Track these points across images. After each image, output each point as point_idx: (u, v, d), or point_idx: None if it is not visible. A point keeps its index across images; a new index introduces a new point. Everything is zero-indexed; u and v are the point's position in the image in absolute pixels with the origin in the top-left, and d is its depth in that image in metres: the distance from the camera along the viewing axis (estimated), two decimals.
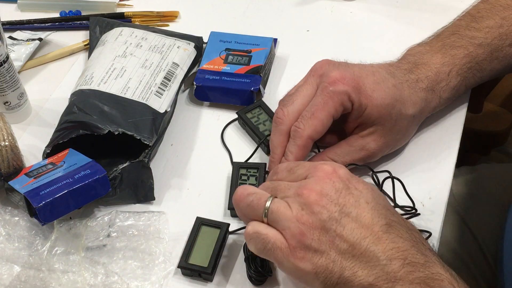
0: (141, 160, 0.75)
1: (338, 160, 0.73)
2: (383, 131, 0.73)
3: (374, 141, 0.73)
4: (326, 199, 0.58)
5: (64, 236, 0.71)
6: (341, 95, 0.71)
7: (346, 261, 0.57)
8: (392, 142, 0.75)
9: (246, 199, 0.62)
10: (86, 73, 0.84)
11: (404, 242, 0.57)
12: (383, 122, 0.72)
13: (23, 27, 0.98)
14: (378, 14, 0.97)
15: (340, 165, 0.61)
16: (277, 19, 0.98)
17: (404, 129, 0.75)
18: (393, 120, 0.73)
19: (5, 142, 0.74)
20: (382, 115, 0.72)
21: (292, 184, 0.61)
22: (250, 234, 0.61)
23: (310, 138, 0.71)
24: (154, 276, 0.69)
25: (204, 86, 0.85)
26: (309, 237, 0.58)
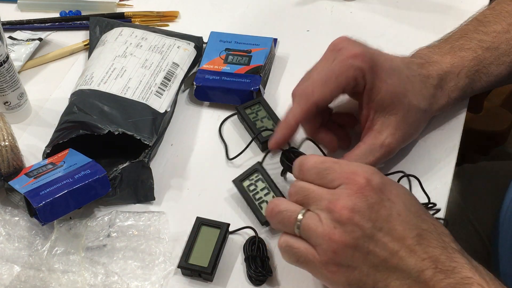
0: (141, 160, 0.75)
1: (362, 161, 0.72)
2: (397, 123, 0.72)
3: (391, 135, 0.72)
4: (358, 216, 0.57)
5: (64, 236, 0.71)
6: (357, 71, 0.70)
7: (379, 273, 0.57)
8: (407, 136, 0.74)
9: (277, 216, 0.62)
10: (86, 73, 0.84)
11: (435, 250, 0.57)
12: (396, 111, 0.72)
13: (23, 27, 0.98)
14: (378, 14, 0.97)
15: (373, 171, 0.60)
16: (277, 19, 0.98)
17: (416, 123, 0.74)
18: (405, 110, 0.72)
19: (5, 142, 0.74)
20: (394, 102, 0.71)
21: (323, 195, 0.59)
22: (283, 246, 0.62)
23: (316, 104, 0.71)
24: (154, 276, 0.69)
25: (204, 86, 0.85)
26: (341, 255, 0.58)
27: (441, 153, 0.79)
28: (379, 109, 0.72)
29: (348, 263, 0.58)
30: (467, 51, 0.78)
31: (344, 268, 0.58)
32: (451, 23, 0.85)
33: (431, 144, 0.80)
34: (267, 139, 0.79)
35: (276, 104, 0.86)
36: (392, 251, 0.57)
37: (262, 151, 0.81)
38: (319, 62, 0.74)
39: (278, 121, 0.81)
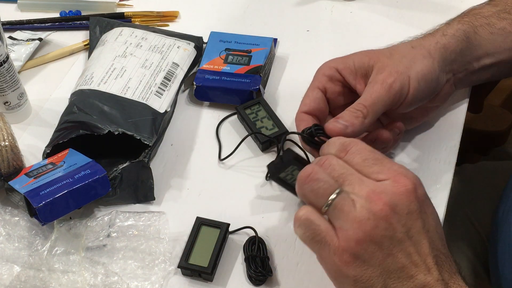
0: (141, 160, 0.75)
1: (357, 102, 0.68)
2: (383, 62, 0.71)
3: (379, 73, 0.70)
4: (396, 217, 0.55)
5: (64, 236, 0.71)
6: (320, 70, 0.73)
7: (390, 280, 0.56)
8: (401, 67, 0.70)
9: (312, 184, 0.58)
10: (86, 73, 0.84)
11: (446, 274, 0.57)
12: (377, 59, 0.71)
13: (23, 27, 0.98)
14: (378, 14, 0.97)
15: (419, 181, 0.58)
16: (277, 19, 0.98)
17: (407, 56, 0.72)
18: (386, 53, 0.72)
19: (5, 142, 0.74)
20: (372, 56, 0.72)
21: (366, 181, 0.57)
22: (301, 219, 0.58)
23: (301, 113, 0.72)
24: (154, 276, 0.69)
25: (204, 86, 0.85)
26: (363, 248, 0.55)
27: (441, 153, 0.79)
28: (365, 71, 0.71)
29: (365, 258, 0.55)
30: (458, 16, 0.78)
31: (358, 262, 0.55)
32: None
33: (431, 144, 0.80)
34: (267, 139, 0.80)
35: (276, 104, 0.86)
36: (413, 262, 0.56)
37: (262, 151, 0.81)
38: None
39: (278, 121, 0.81)
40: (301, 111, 0.73)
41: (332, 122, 0.67)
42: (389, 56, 0.72)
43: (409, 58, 0.72)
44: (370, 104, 0.68)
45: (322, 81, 0.73)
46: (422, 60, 0.72)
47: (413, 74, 0.70)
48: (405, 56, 0.72)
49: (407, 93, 0.70)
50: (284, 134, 0.76)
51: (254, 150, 0.81)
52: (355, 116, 0.67)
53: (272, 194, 0.77)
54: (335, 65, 0.73)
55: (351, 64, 0.72)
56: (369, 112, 0.68)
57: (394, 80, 0.69)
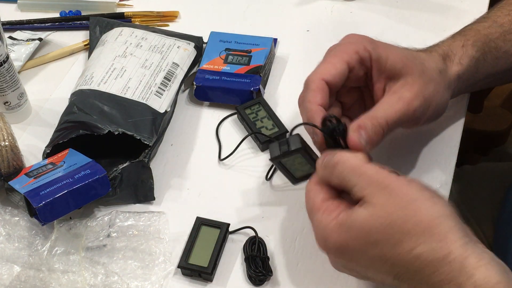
0: (141, 160, 0.75)
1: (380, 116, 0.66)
2: (413, 80, 0.68)
3: (407, 90, 0.68)
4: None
5: (64, 236, 0.71)
6: (356, 44, 0.69)
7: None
8: (427, 93, 0.69)
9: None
10: (86, 73, 0.84)
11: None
12: (410, 71, 0.68)
13: (23, 27, 0.98)
14: (378, 14, 0.97)
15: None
16: (277, 19, 0.98)
17: (436, 81, 0.71)
18: (419, 68, 0.69)
19: (5, 142, 0.74)
20: (406, 63, 0.69)
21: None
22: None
23: (323, 79, 0.67)
24: (154, 276, 0.69)
25: (204, 86, 0.85)
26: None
27: (441, 153, 0.79)
28: (393, 75, 0.69)
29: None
30: (469, 31, 0.76)
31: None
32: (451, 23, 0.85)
33: (431, 144, 0.80)
34: (267, 139, 0.80)
35: (276, 104, 0.86)
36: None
37: (262, 151, 0.81)
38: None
39: (278, 121, 0.81)
40: (321, 76, 0.67)
41: (356, 133, 0.64)
42: (421, 74, 0.69)
43: (436, 85, 0.71)
44: (392, 123, 0.67)
45: (353, 58, 0.68)
46: (443, 93, 0.72)
47: (433, 104, 0.70)
48: (432, 81, 0.70)
49: (422, 118, 0.70)
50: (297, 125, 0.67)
51: (254, 150, 0.81)
52: (376, 133, 0.65)
53: (272, 194, 0.77)
54: (371, 49, 0.69)
55: (384, 60, 0.69)
56: (388, 130, 0.67)
57: (419, 105, 0.68)
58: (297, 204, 0.75)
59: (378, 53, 0.69)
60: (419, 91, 0.68)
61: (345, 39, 0.71)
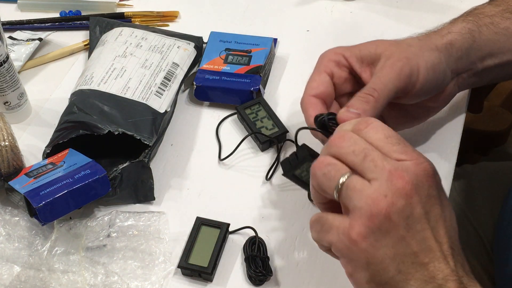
0: (141, 160, 0.75)
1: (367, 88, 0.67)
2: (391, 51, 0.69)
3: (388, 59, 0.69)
4: (417, 197, 0.53)
5: (64, 236, 0.71)
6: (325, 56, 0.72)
7: (404, 265, 0.53)
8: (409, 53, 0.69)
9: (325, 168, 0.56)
10: (86, 73, 0.84)
11: (460, 268, 0.55)
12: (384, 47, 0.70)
13: (23, 27, 0.98)
14: (378, 14, 0.97)
15: (437, 171, 0.56)
16: (277, 19, 0.98)
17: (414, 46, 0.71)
18: (393, 43, 0.71)
19: (5, 142, 0.74)
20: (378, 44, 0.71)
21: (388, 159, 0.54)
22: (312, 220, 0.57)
23: (310, 95, 0.69)
24: (154, 276, 0.69)
25: (204, 86, 0.85)
26: (377, 223, 0.52)
27: (441, 153, 0.79)
28: (372, 59, 0.70)
29: (377, 236, 0.53)
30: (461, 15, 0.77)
31: (370, 239, 0.53)
32: None
33: (431, 144, 0.80)
34: (267, 139, 0.80)
35: (276, 104, 0.86)
36: (428, 248, 0.53)
37: (262, 151, 0.81)
38: None
39: (278, 121, 0.81)
40: (309, 94, 0.70)
41: (344, 112, 0.64)
42: (396, 45, 0.71)
43: (417, 47, 0.71)
44: (381, 87, 0.66)
45: (328, 66, 0.71)
46: (429, 52, 0.71)
47: (422, 63, 0.69)
48: (412, 46, 0.71)
49: (417, 80, 0.69)
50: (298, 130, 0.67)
51: (254, 150, 0.81)
52: (366, 101, 0.65)
53: (272, 194, 0.77)
54: (341, 51, 0.72)
55: (357, 52, 0.71)
56: (380, 96, 0.66)
57: (403, 64, 0.68)
58: (297, 204, 0.75)
59: (349, 50, 0.71)
60: (400, 56, 0.69)
61: (319, 58, 0.73)
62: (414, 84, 0.69)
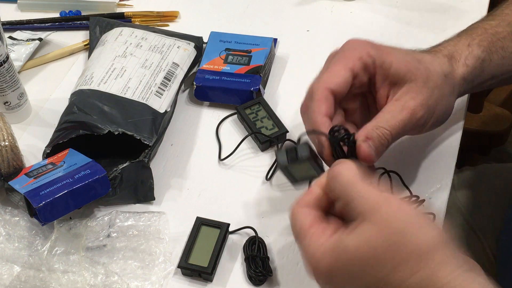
0: (141, 160, 0.75)
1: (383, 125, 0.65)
2: (417, 87, 0.67)
3: (411, 98, 0.66)
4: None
5: (64, 236, 0.71)
6: (359, 50, 0.67)
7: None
8: (431, 103, 0.68)
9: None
10: (86, 73, 0.84)
11: None
12: (414, 77, 0.67)
13: (23, 27, 0.98)
14: (378, 14, 0.97)
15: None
16: (277, 19, 0.98)
17: (439, 89, 0.69)
18: (423, 74, 0.67)
19: (5, 142, 0.74)
20: (410, 69, 0.67)
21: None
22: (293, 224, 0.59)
23: (328, 89, 0.65)
24: (154, 276, 0.69)
25: (204, 86, 0.85)
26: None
27: (441, 153, 0.79)
28: (397, 81, 0.67)
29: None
30: (475, 29, 0.75)
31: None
32: (451, 23, 0.85)
33: (431, 145, 0.80)
34: (267, 139, 0.80)
35: (276, 104, 0.86)
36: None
37: (262, 151, 0.81)
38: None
39: (278, 121, 0.81)
40: (326, 86, 0.66)
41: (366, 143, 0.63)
42: (425, 80, 0.68)
43: (440, 91, 0.69)
44: (395, 133, 0.66)
45: (357, 65, 0.67)
46: (448, 98, 0.70)
47: (438, 111, 0.69)
48: (437, 87, 0.69)
49: (426, 126, 0.69)
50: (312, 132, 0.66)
51: (254, 150, 0.81)
52: (382, 143, 0.65)
53: (272, 194, 0.77)
54: (374, 55, 0.67)
55: (388, 66, 0.67)
56: (392, 140, 0.66)
57: (423, 114, 0.67)
58: None
59: (382, 58, 0.67)
60: (423, 100, 0.67)
61: (347, 45, 0.69)
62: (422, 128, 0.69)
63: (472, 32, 0.75)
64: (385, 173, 0.75)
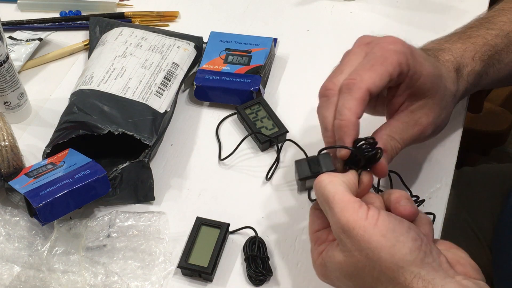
0: (141, 160, 0.75)
1: (396, 137, 0.67)
2: (433, 105, 0.68)
3: (425, 115, 0.68)
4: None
5: (64, 236, 0.71)
6: (401, 55, 0.65)
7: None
8: (439, 121, 0.70)
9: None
10: (86, 73, 0.84)
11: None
12: (433, 94, 0.68)
13: (23, 27, 0.98)
14: (378, 14, 0.97)
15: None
16: (277, 19, 0.98)
17: (447, 107, 0.71)
18: (441, 93, 0.69)
19: (5, 142, 0.74)
20: (434, 86, 0.68)
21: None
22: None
23: (369, 90, 0.62)
24: (154, 276, 0.69)
25: (204, 86, 0.85)
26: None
27: (441, 153, 0.79)
28: (418, 93, 0.67)
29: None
30: (477, 38, 0.76)
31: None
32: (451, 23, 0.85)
33: (431, 145, 0.80)
34: (267, 139, 0.80)
35: (276, 104, 0.86)
36: None
37: (262, 151, 0.81)
38: (349, 56, 0.67)
39: (278, 121, 0.81)
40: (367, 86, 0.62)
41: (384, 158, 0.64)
42: (442, 99, 0.69)
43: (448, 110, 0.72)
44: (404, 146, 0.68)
45: (396, 71, 0.64)
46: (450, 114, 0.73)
47: (441, 126, 0.72)
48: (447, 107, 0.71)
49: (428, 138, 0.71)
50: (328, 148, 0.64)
51: (254, 150, 0.81)
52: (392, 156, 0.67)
53: (272, 194, 0.77)
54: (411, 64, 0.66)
55: (417, 78, 0.66)
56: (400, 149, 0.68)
57: (431, 132, 0.70)
58: (297, 204, 0.75)
59: (414, 69, 0.66)
60: (434, 118, 0.69)
61: (387, 43, 0.66)
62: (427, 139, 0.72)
63: (475, 41, 0.76)
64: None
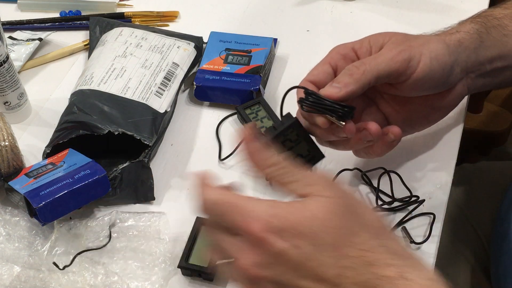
0: (141, 160, 0.75)
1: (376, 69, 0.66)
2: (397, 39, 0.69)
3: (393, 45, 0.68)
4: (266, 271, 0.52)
5: (64, 236, 0.71)
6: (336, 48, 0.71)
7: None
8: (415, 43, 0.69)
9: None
10: (86, 73, 0.84)
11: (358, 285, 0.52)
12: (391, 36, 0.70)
13: (23, 27, 0.98)
14: (378, 14, 0.97)
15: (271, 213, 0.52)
16: (277, 19, 0.98)
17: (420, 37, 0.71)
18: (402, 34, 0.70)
19: (5, 142, 0.74)
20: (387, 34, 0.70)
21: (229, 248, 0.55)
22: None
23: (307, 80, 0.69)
24: (154, 276, 0.69)
25: (204, 86, 0.85)
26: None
27: (441, 153, 0.79)
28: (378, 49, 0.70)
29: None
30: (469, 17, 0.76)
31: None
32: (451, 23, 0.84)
33: (431, 144, 0.80)
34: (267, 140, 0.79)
35: (276, 104, 0.85)
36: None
37: None
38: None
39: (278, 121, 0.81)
40: (306, 79, 0.69)
41: (327, 86, 0.65)
42: (404, 35, 0.70)
43: (424, 39, 0.70)
44: (371, 63, 0.66)
45: (334, 58, 0.70)
46: (436, 43, 0.70)
47: (426, 51, 0.68)
48: (419, 37, 0.70)
49: (417, 66, 0.67)
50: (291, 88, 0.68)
51: None
52: (349, 74, 0.65)
53: (272, 194, 0.77)
54: (352, 45, 0.71)
55: (367, 43, 0.70)
56: (368, 71, 0.65)
57: (404, 49, 0.67)
58: None
59: (358, 42, 0.70)
60: (405, 43, 0.68)
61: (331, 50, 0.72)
62: (414, 70, 0.67)
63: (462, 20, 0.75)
64: (385, 173, 0.75)
